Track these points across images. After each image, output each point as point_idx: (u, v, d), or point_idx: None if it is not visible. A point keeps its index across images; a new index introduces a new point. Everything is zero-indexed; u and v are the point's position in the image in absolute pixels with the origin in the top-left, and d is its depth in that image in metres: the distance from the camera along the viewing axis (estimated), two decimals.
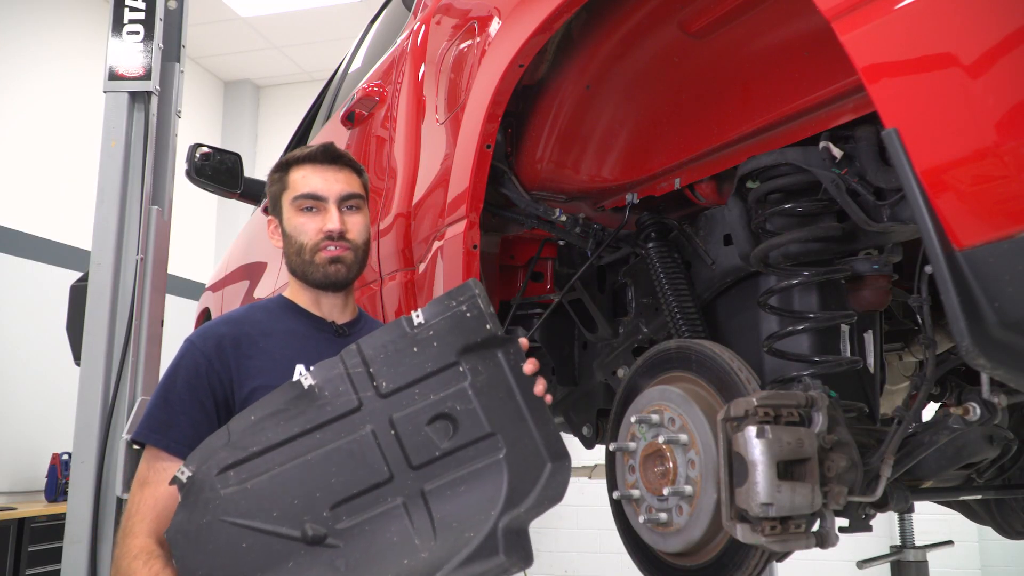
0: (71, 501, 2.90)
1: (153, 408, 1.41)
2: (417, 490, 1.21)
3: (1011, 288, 0.74)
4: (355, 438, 1.21)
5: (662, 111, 1.48)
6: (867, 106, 1.10)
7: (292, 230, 1.51)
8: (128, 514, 1.35)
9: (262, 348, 1.44)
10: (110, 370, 3.00)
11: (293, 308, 1.54)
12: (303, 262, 1.51)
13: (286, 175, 1.54)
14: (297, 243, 1.51)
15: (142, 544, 1.30)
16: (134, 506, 1.35)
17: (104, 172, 3.12)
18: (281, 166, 1.57)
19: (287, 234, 1.53)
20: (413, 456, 1.22)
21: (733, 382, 1.17)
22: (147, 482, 1.35)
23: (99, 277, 3.06)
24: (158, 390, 1.42)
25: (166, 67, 3.24)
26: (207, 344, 1.42)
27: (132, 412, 2.98)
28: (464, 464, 1.23)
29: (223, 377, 1.40)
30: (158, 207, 3.16)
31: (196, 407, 1.38)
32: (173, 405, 1.38)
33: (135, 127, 3.16)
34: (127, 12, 3.17)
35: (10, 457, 5.03)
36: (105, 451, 2.93)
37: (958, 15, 0.74)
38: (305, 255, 1.51)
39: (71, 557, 2.84)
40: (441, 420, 1.23)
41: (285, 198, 1.53)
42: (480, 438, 1.24)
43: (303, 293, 1.55)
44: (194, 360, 1.41)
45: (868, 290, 1.33)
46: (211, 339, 1.43)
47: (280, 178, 1.55)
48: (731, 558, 1.15)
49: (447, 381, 1.25)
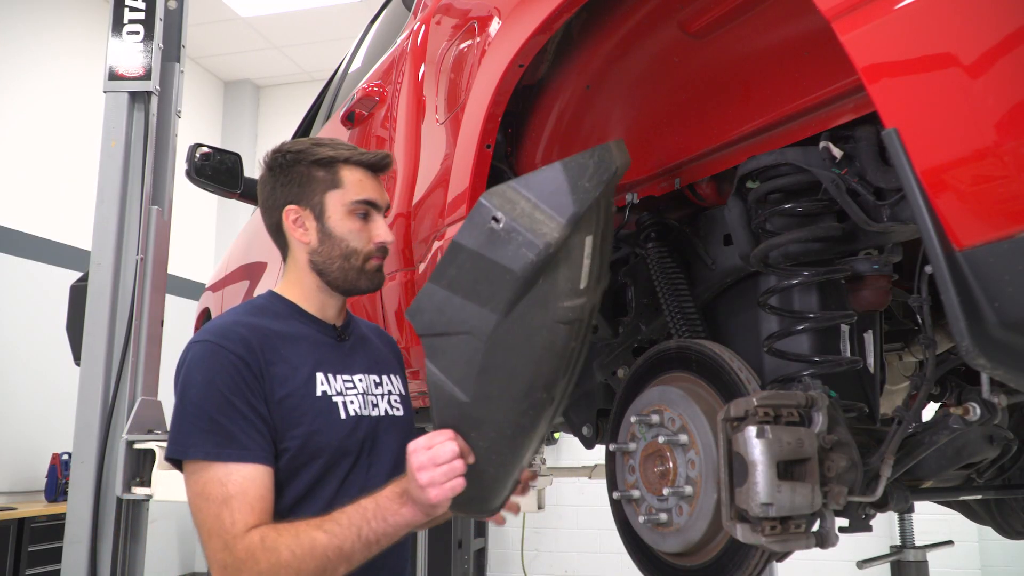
0: (71, 501, 2.91)
1: (200, 421, 1.29)
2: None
3: (1011, 288, 0.74)
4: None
5: (662, 111, 1.48)
6: (867, 106, 1.10)
7: (345, 233, 1.44)
8: (220, 533, 1.23)
9: (282, 355, 1.37)
10: (110, 370, 3.01)
11: (298, 311, 1.47)
12: (350, 267, 1.45)
13: (335, 172, 1.45)
14: (348, 247, 1.44)
15: (259, 532, 1.22)
16: (227, 524, 1.23)
17: (104, 172, 3.12)
18: (326, 161, 1.45)
19: (333, 235, 1.44)
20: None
21: (733, 382, 1.17)
22: (230, 496, 1.24)
23: (99, 277, 3.06)
24: (198, 401, 1.29)
25: (166, 67, 3.24)
26: (236, 346, 1.33)
27: (132, 412, 2.99)
28: None
29: (258, 377, 1.33)
30: (158, 207, 3.17)
31: (248, 409, 1.30)
32: (226, 412, 1.28)
33: (135, 127, 3.16)
34: (127, 12, 3.18)
35: (10, 457, 5.03)
36: (105, 451, 2.94)
37: (958, 15, 0.74)
38: (356, 261, 1.45)
39: (71, 557, 2.84)
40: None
41: (335, 197, 1.44)
42: None
43: (315, 296, 1.48)
44: (229, 361, 1.31)
45: (868, 290, 1.33)
46: (237, 341, 1.34)
47: (328, 175, 1.45)
48: (731, 558, 1.15)
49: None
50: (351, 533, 1.22)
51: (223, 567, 1.22)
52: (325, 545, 1.21)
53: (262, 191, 1.51)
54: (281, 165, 1.47)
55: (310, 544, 1.21)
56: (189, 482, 1.29)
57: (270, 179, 1.49)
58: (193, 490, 1.28)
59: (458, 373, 1.17)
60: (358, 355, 1.51)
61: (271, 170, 1.49)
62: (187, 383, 1.32)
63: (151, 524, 3.20)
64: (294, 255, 1.49)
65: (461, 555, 4.98)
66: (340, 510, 1.25)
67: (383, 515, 1.24)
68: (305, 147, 1.47)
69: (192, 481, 1.28)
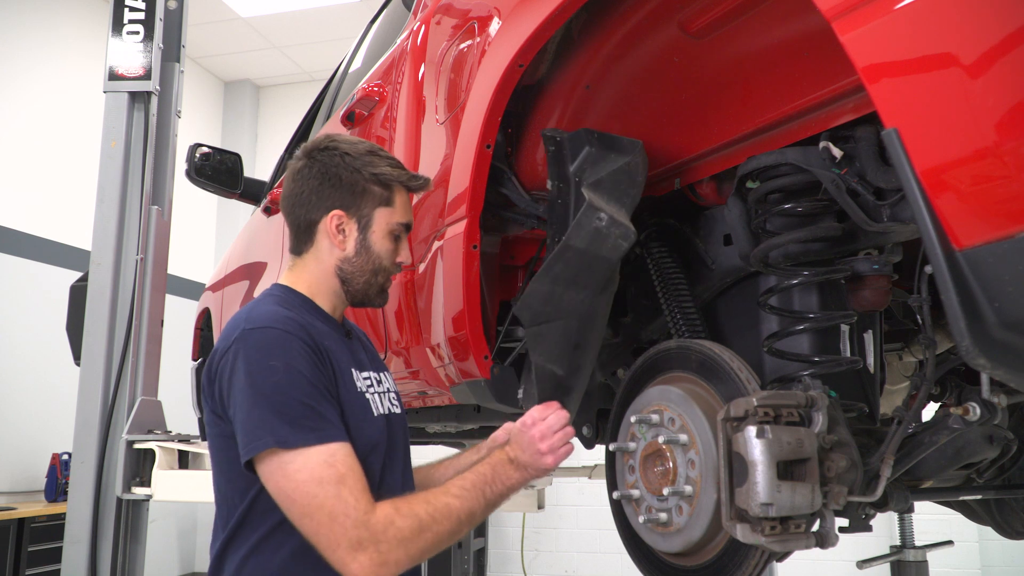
0: (71, 501, 2.91)
1: (289, 408, 1.25)
2: None
3: (1011, 288, 0.74)
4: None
5: (662, 111, 1.48)
6: (867, 106, 1.10)
7: (382, 251, 1.45)
8: (347, 512, 1.20)
9: (328, 348, 1.37)
10: (110, 370, 3.01)
11: (315, 307, 1.46)
12: (374, 283, 1.47)
13: (391, 191, 1.46)
14: (379, 265, 1.46)
15: (388, 503, 1.22)
16: (352, 501, 1.20)
17: (104, 172, 3.12)
18: (387, 179, 1.45)
19: (371, 250, 1.45)
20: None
21: (733, 382, 1.17)
22: (343, 475, 1.21)
23: (99, 277, 3.06)
24: (283, 387, 1.25)
25: (166, 67, 3.25)
26: (299, 331, 1.31)
27: (132, 412, 2.99)
28: None
29: (326, 364, 1.33)
30: (158, 207, 3.17)
31: (326, 391, 1.29)
32: (313, 396, 1.26)
33: (135, 127, 3.16)
34: (127, 12, 3.18)
35: (10, 457, 5.03)
36: (105, 451, 2.94)
37: (958, 15, 0.74)
38: (380, 278, 1.47)
39: (71, 557, 2.85)
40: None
41: (384, 215, 1.45)
42: None
43: (330, 296, 1.48)
44: (300, 346, 1.29)
45: (868, 290, 1.33)
46: (297, 328, 1.32)
47: (385, 193, 1.45)
48: (731, 558, 1.15)
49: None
50: (478, 496, 1.30)
51: (357, 544, 1.18)
52: (458, 509, 1.27)
53: (302, 184, 1.46)
54: (337, 167, 1.44)
55: (445, 508, 1.26)
56: (287, 471, 1.22)
57: (319, 176, 1.45)
58: (296, 479, 1.22)
59: (557, 352, 1.40)
60: (361, 353, 1.51)
61: (324, 168, 1.45)
62: (258, 371, 1.26)
63: (151, 524, 3.21)
64: (319, 256, 1.47)
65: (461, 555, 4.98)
66: (460, 476, 1.33)
67: (500, 479, 1.34)
68: (364, 157, 1.45)
69: (292, 470, 1.22)
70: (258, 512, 1.32)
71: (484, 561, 5.84)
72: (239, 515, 1.33)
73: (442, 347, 1.66)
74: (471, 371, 1.60)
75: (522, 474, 1.36)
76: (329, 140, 1.48)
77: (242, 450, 1.25)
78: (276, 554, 1.31)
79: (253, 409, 1.25)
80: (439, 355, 1.71)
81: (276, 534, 1.31)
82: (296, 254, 1.50)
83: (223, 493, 1.38)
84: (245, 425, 1.24)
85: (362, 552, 1.18)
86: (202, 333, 3.91)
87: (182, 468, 3.06)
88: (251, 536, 1.33)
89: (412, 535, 1.21)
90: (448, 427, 2.59)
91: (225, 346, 1.32)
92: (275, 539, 1.32)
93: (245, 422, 1.24)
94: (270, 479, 1.24)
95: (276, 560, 1.31)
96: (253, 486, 1.31)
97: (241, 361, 1.28)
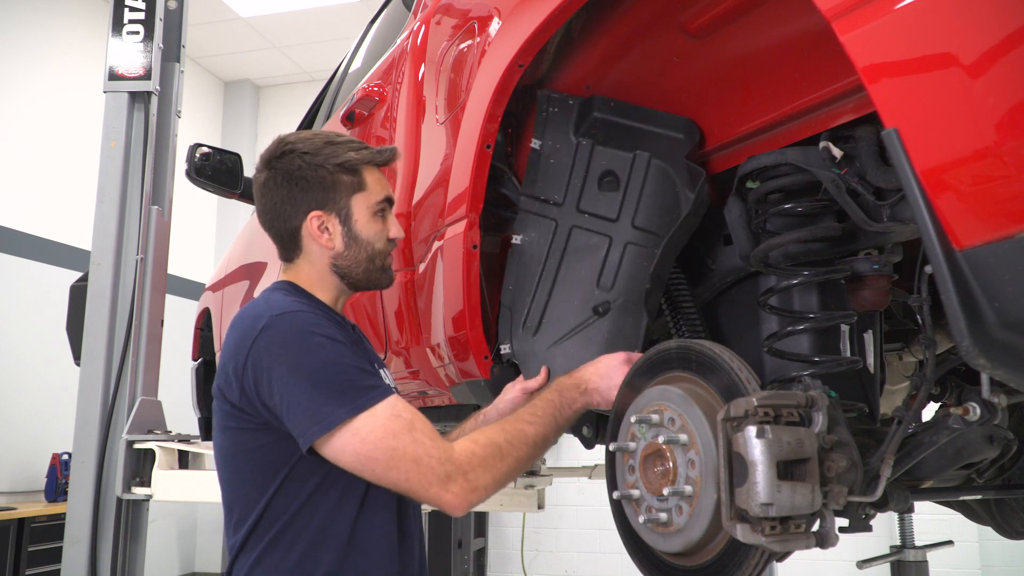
0: (71, 501, 2.91)
1: (349, 375, 1.27)
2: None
3: (1011, 288, 0.74)
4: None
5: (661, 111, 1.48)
6: (867, 106, 1.10)
7: (371, 235, 1.44)
8: (429, 451, 1.24)
9: (352, 339, 1.40)
10: (110, 370, 3.01)
11: (322, 304, 1.45)
12: (374, 268, 1.46)
13: (360, 175, 1.43)
14: (373, 250, 1.44)
15: (465, 438, 1.28)
16: (429, 442, 1.24)
17: (104, 172, 3.13)
18: (351, 165, 1.43)
19: (360, 238, 1.44)
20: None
21: (733, 382, 1.17)
22: (412, 421, 1.26)
23: (99, 277, 3.07)
24: (335, 359, 1.27)
25: (166, 67, 3.25)
26: (330, 313, 1.39)
27: (132, 412, 2.99)
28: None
29: (358, 346, 1.38)
30: (158, 207, 3.17)
31: (366, 362, 1.33)
32: (360, 363, 1.30)
33: (135, 127, 3.17)
34: (127, 12, 3.18)
35: (10, 457, 5.03)
36: (105, 451, 2.94)
37: (958, 15, 0.74)
38: (379, 261, 1.46)
39: (71, 557, 2.85)
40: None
41: (361, 200, 1.43)
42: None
43: (331, 291, 1.47)
44: (331, 322, 1.33)
45: (868, 290, 1.33)
46: (323, 313, 1.37)
47: (354, 178, 1.43)
48: (731, 558, 1.15)
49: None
50: (550, 420, 1.35)
51: (446, 477, 1.23)
52: (533, 434, 1.32)
53: (272, 196, 1.44)
54: (300, 168, 1.41)
55: (520, 433, 1.31)
56: (362, 436, 1.24)
57: (285, 184, 1.42)
58: (372, 439, 1.23)
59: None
60: (363, 347, 1.52)
61: (287, 175, 1.42)
62: (302, 351, 1.27)
63: (151, 524, 3.21)
64: (311, 259, 1.45)
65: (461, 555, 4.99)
66: (530, 404, 1.37)
67: (567, 404, 1.37)
68: (324, 150, 1.42)
69: (365, 433, 1.24)
70: (277, 508, 1.32)
71: (484, 561, 5.85)
72: (258, 511, 1.32)
73: (442, 347, 1.66)
74: (471, 371, 1.60)
75: (586, 399, 1.38)
76: (283, 144, 1.45)
77: (303, 435, 1.25)
78: (289, 553, 1.31)
79: (310, 391, 1.25)
80: (439, 355, 1.71)
81: (288, 532, 1.31)
82: (287, 261, 1.49)
83: (237, 492, 1.36)
84: (305, 408, 1.24)
85: (453, 483, 1.23)
86: (202, 333, 3.90)
87: (182, 468, 3.06)
88: (267, 534, 1.32)
89: (494, 460, 1.27)
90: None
91: (251, 337, 1.30)
92: (287, 537, 1.32)
93: (304, 405, 1.24)
94: (345, 450, 1.24)
95: (292, 556, 1.31)
96: (273, 482, 1.31)
97: (279, 348, 1.28)
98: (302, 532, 1.31)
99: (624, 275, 1.45)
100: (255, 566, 1.31)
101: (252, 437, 1.32)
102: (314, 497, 1.32)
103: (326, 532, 1.31)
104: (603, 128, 1.49)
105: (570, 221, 1.49)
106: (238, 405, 1.32)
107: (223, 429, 1.37)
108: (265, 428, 1.31)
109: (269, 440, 1.32)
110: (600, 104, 1.48)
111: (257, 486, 1.33)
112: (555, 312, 1.50)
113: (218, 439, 1.39)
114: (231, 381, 1.32)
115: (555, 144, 1.48)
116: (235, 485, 1.37)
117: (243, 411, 1.32)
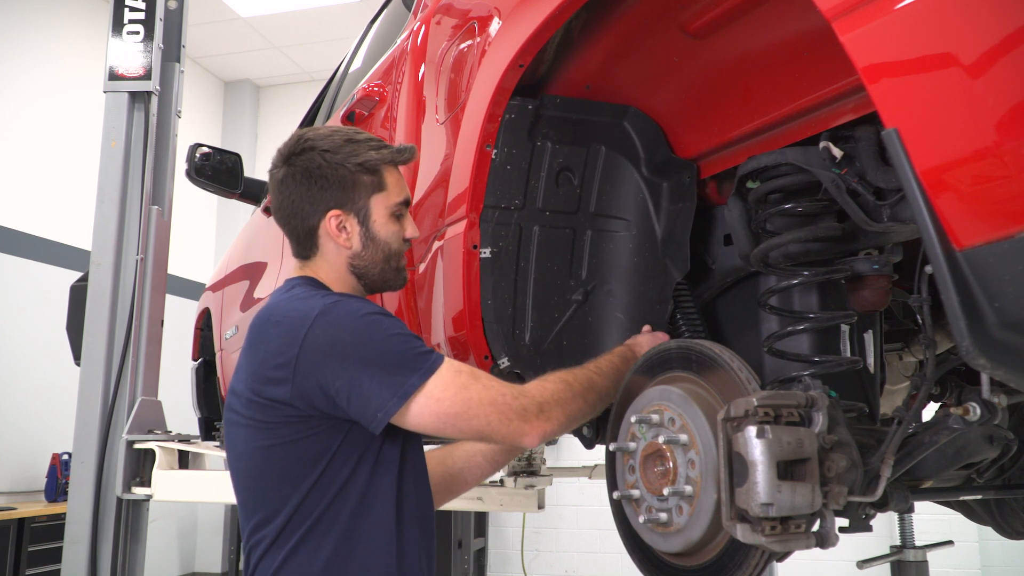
0: (71, 501, 2.91)
1: (410, 344, 1.31)
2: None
3: (1011, 288, 0.74)
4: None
5: (661, 112, 1.48)
6: (867, 106, 1.10)
7: (388, 236, 1.44)
8: (503, 392, 1.29)
9: None
10: (110, 370, 3.01)
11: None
12: (390, 268, 1.46)
13: (380, 175, 1.43)
14: (390, 250, 1.45)
15: (529, 383, 1.33)
16: (498, 385, 1.30)
17: (104, 172, 3.12)
18: (369, 166, 1.42)
19: (378, 239, 1.43)
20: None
21: (733, 382, 1.17)
22: (475, 371, 1.32)
23: (99, 277, 3.06)
24: (394, 332, 1.31)
25: (166, 67, 3.25)
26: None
27: (132, 412, 2.99)
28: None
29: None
30: (158, 207, 3.17)
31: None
32: (414, 333, 1.35)
33: (135, 127, 3.17)
34: (127, 12, 3.18)
35: (10, 457, 5.03)
36: (105, 451, 2.94)
37: (958, 15, 0.74)
38: (395, 262, 1.46)
39: (71, 557, 2.85)
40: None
41: (380, 200, 1.43)
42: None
43: (347, 290, 1.46)
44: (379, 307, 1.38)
45: (868, 290, 1.33)
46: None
47: (374, 179, 1.43)
48: (731, 558, 1.15)
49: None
50: (614, 376, 1.39)
51: (523, 411, 1.28)
52: (599, 384, 1.37)
53: (290, 193, 1.43)
54: (320, 167, 1.40)
55: (588, 380, 1.36)
56: (436, 397, 1.28)
57: (304, 181, 1.41)
58: (445, 397, 1.28)
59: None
60: None
61: (307, 172, 1.41)
62: (364, 330, 1.29)
63: (151, 524, 3.21)
64: (327, 258, 1.45)
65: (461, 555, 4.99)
66: (593, 362, 1.40)
67: (628, 361, 1.41)
68: (345, 148, 1.41)
69: (438, 394, 1.28)
70: (312, 501, 1.31)
71: (484, 561, 5.84)
72: (291, 507, 1.31)
73: (442, 347, 1.66)
74: None
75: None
76: (303, 141, 1.44)
77: (382, 407, 1.27)
78: (319, 551, 1.31)
79: (382, 365, 1.28)
80: None
81: (317, 530, 1.31)
82: (303, 259, 1.48)
83: (266, 489, 1.34)
84: (380, 382, 1.26)
85: (530, 415, 1.29)
86: (202, 333, 3.90)
87: (182, 468, 3.06)
88: (298, 529, 1.32)
89: (566, 396, 1.32)
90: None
91: (303, 329, 1.29)
92: (317, 534, 1.32)
93: (379, 379, 1.27)
94: (423, 413, 1.28)
95: (321, 554, 1.31)
96: (311, 474, 1.31)
97: (340, 332, 1.29)
98: (331, 527, 1.31)
99: (595, 261, 1.50)
100: (286, 561, 1.31)
101: (292, 430, 1.31)
102: (343, 491, 1.33)
103: (357, 525, 1.33)
104: (555, 126, 1.50)
105: (533, 221, 1.50)
106: (280, 399, 1.30)
107: (251, 426, 1.35)
108: (307, 420, 1.31)
109: (313, 431, 1.31)
110: (548, 102, 1.48)
111: (291, 480, 1.32)
112: (539, 314, 1.51)
113: (242, 436, 1.37)
114: (273, 376, 1.30)
115: (511, 150, 1.47)
116: (264, 482, 1.35)
117: (287, 404, 1.30)
